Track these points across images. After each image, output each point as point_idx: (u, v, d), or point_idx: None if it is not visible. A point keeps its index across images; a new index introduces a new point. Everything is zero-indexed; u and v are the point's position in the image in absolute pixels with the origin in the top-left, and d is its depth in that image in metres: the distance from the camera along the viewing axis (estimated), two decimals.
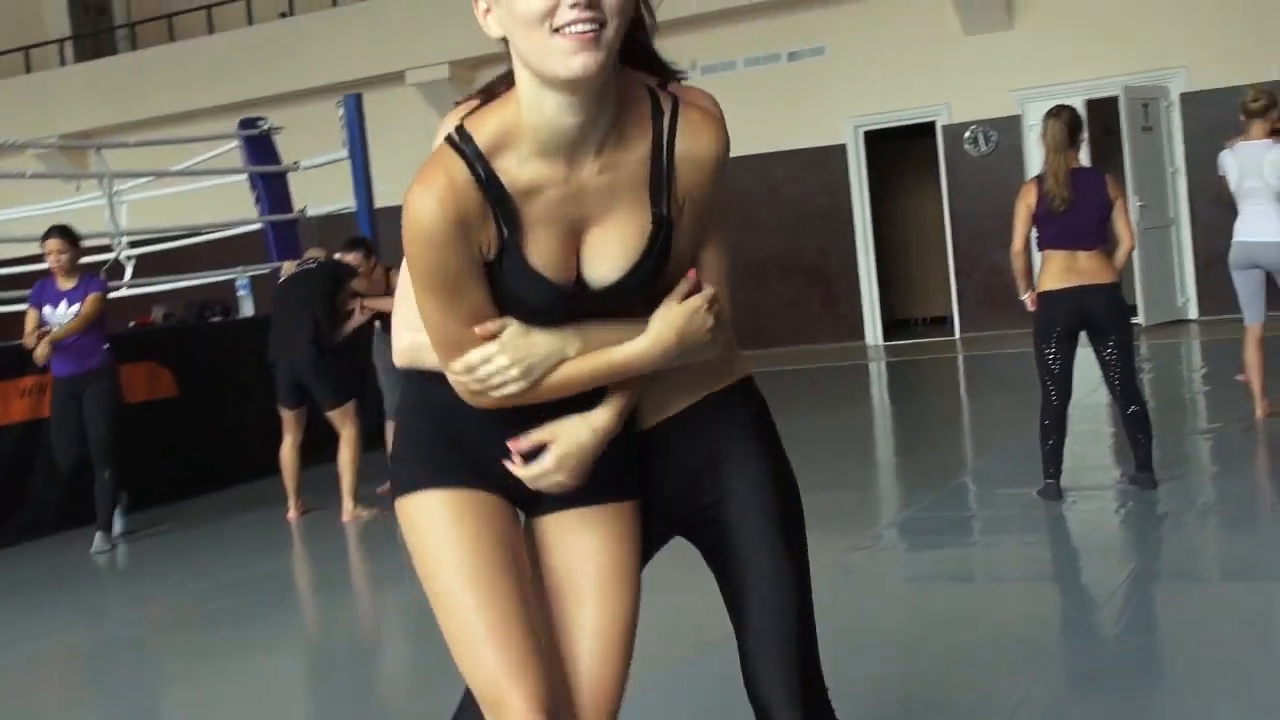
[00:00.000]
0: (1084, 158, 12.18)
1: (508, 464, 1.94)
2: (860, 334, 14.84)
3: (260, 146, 10.88)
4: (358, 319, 7.97)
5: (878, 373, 13.05)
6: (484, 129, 1.82)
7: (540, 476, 1.93)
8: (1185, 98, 13.30)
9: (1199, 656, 3.95)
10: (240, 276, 11.06)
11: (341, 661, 5.14)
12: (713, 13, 14.64)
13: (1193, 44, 13.17)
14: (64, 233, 7.45)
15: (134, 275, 10.11)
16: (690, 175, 1.91)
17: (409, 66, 15.69)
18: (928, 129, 14.47)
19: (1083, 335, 5.90)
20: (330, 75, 15.37)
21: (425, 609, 2.06)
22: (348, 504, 7.61)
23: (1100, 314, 5.76)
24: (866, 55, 14.42)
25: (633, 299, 1.93)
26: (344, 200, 10.59)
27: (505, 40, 1.79)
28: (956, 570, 5.45)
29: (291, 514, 7.83)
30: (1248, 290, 7.44)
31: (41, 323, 7.38)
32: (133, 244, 10.10)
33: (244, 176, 10.96)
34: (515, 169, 1.82)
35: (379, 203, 10.12)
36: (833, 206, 14.78)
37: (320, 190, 11.24)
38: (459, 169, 1.80)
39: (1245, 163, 7.31)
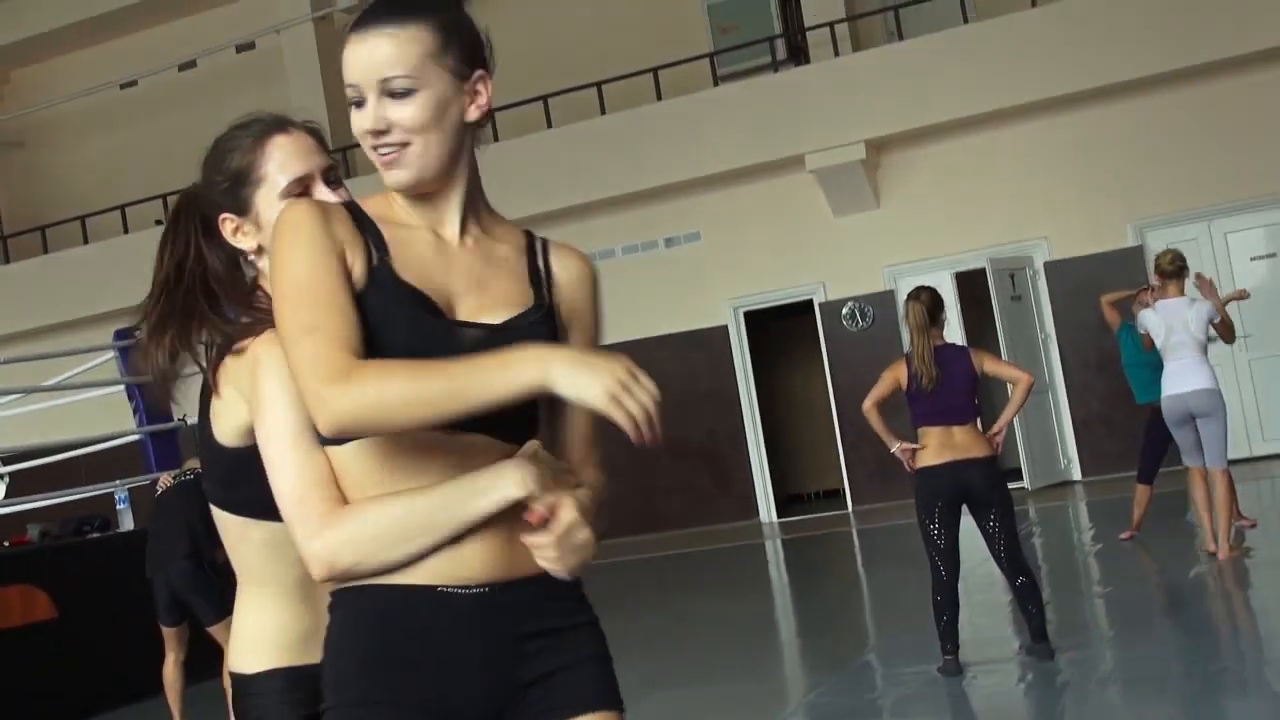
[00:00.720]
0: (957, 329, 12.59)
1: (528, 538, 1.75)
2: (754, 512, 14.83)
3: (130, 356, 10.68)
4: None
5: (774, 551, 13.01)
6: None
7: (565, 537, 1.75)
8: (1049, 266, 13.75)
9: None
10: (119, 489, 10.76)
11: None
12: (592, 202, 14.89)
13: (1052, 215, 13.68)
14: None
15: (8, 494, 9.79)
16: (568, 284, 1.96)
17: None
18: (805, 307, 14.75)
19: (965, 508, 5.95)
20: None
21: None
22: None
23: (978, 487, 5.82)
24: (741, 238, 14.71)
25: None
26: None
27: None
28: None
29: None
30: (1187, 440, 7.88)
31: None
32: (5, 461, 9.80)
33: (121, 387, 10.76)
34: (382, 210, 1.88)
35: None
36: (718, 387, 14.89)
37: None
38: (330, 202, 1.94)
39: (1170, 319, 7.76)
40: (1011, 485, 6.86)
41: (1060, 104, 13.43)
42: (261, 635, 2.18)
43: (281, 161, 2.10)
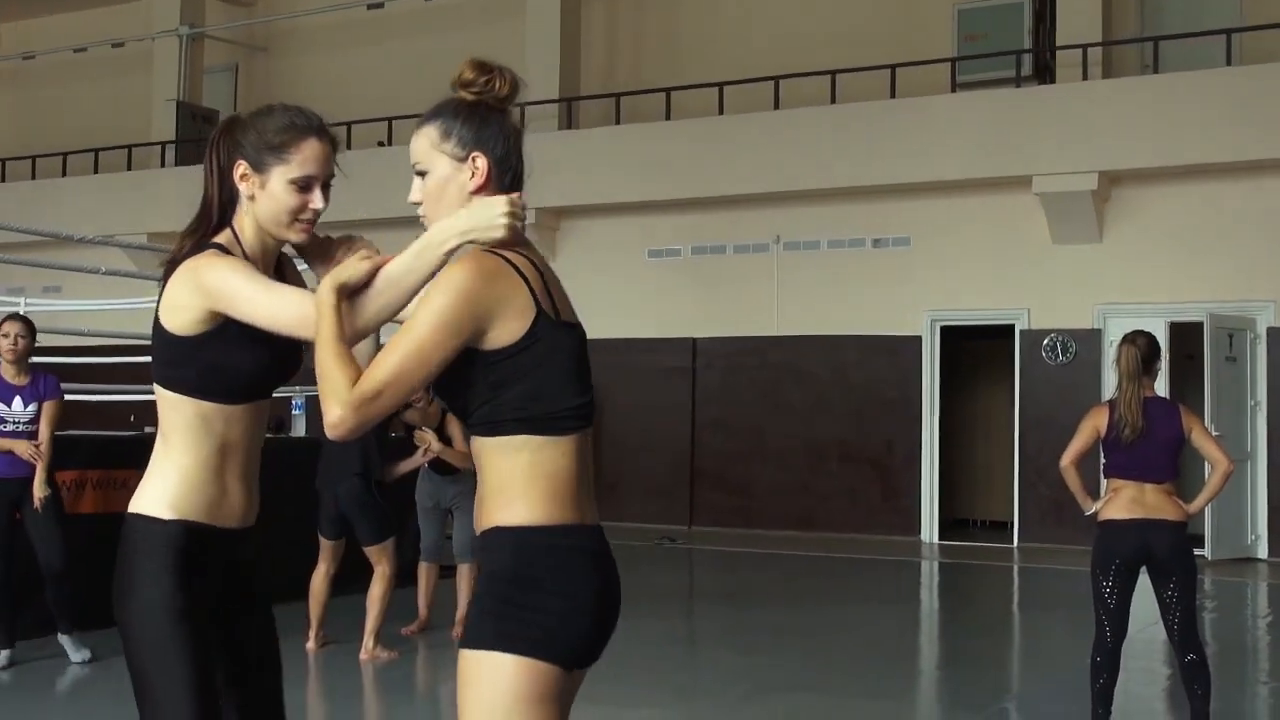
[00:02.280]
0: (1162, 381, 12.05)
1: None
2: (916, 529, 14.51)
3: None
4: (418, 460, 7.90)
5: (930, 572, 12.68)
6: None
7: None
8: (1272, 331, 13.07)
9: None
10: (297, 395, 11.00)
11: None
12: (805, 191, 14.69)
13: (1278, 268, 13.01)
14: (23, 321, 6.92)
15: None
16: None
17: None
18: (1006, 331, 14.31)
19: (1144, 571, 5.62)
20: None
21: None
22: (368, 642, 7.40)
23: (1164, 553, 5.47)
24: (952, 251, 14.36)
25: None
26: None
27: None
28: None
29: (310, 645, 7.59)
30: None
31: None
32: None
33: None
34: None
35: None
36: (902, 398, 14.60)
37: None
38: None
39: None
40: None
41: None
42: (173, 492, 2.65)
43: (306, 157, 2.63)
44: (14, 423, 6.61)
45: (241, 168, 2.64)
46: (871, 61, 14.88)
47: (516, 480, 2.35)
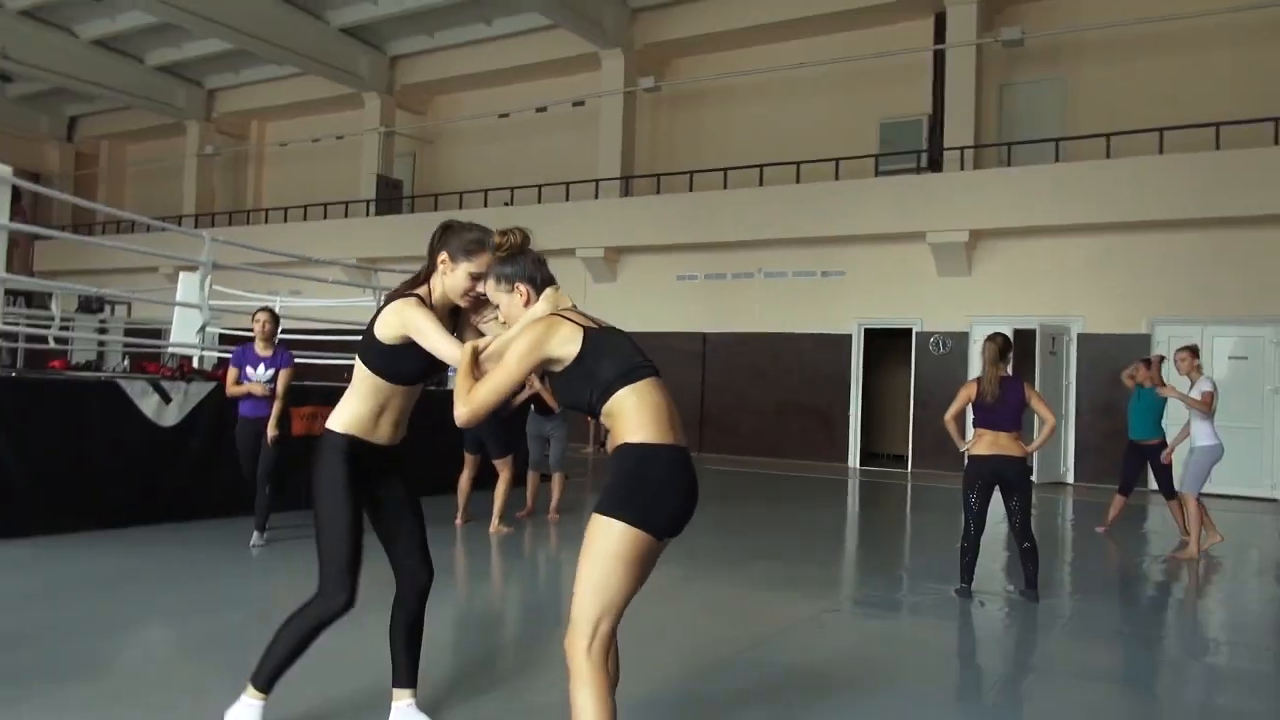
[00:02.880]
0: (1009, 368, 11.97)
1: None
2: (845, 459, 14.52)
3: None
4: (526, 393, 7.86)
5: (854, 486, 12.68)
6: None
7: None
8: (1081, 336, 12.98)
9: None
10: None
11: (473, 622, 5.01)
12: (770, 239, 14.71)
13: (1089, 299, 12.90)
14: (271, 312, 6.63)
15: None
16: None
17: (579, 245, 15.93)
18: (906, 332, 14.27)
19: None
20: (539, 244, 15.65)
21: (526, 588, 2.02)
22: (495, 521, 7.53)
23: (1011, 477, 5.53)
24: (872, 280, 14.32)
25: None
26: None
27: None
28: (890, 633, 5.18)
29: (459, 521, 7.75)
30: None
31: (241, 379, 6.45)
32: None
33: None
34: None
35: None
36: (838, 373, 14.59)
37: None
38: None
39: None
40: None
41: (1109, 228, 12.62)
42: (347, 420, 2.91)
43: (481, 262, 2.81)
44: (257, 380, 6.42)
45: (443, 255, 2.87)
46: (823, 155, 14.85)
47: (629, 416, 2.46)
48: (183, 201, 22.64)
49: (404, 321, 2.77)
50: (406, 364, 2.85)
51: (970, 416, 5.89)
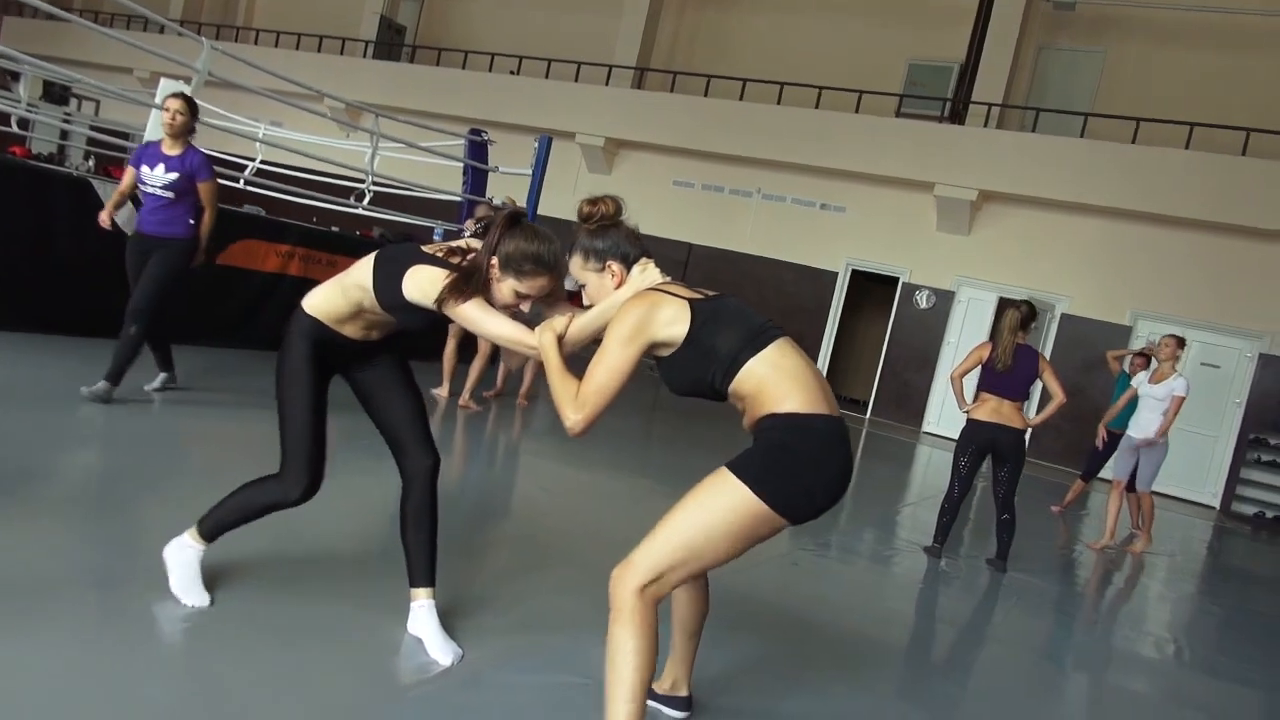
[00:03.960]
0: (982, 336, 11.85)
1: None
2: None
3: (478, 150, 10.56)
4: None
5: None
6: None
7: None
8: (1064, 317, 12.93)
9: (989, 693, 3.62)
10: (438, 227, 10.73)
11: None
12: (777, 161, 14.28)
13: (1078, 281, 12.81)
14: (186, 99, 5.10)
15: (371, 202, 9.72)
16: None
17: (579, 131, 15.35)
18: (892, 280, 14.09)
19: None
20: (532, 120, 15.08)
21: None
22: (465, 395, 7.30)
23: (1006, 448, 5.41)
24: (872, 222, 14.05)
25: None
26: (519, 201, 10.25)
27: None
28: (858, 580, 5.10)
29: (440, 392, 7.44)
30: (1130, 462, 7.25)
31: (139, 182, 5.05)
32: (375, 183, 9.72)
33: (460, 164, 10.63)
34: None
35: (540, 210, 9.80)
36: (816, 309, 14.41)
37: (504, 190, 10.92)
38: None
39: (1147, 389, 7.20)
40: None
41: (1117, 213, 12.45)
42: (320, 309, 2.63)
43: (533, 286, 2.48)
44: (151, 185, 4.99)
45: (495, 260, 2.47)
46: (847, 85, 14.36)
47: (768, 387, 2.15)
48: (169, 4, 21.31)
49: (455, 314, 2.44)
50: (415, 318, 2.57)
51: (977, 379, 5.69)
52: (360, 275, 2.57)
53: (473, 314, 2.40)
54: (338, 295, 2.61)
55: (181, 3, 21.06)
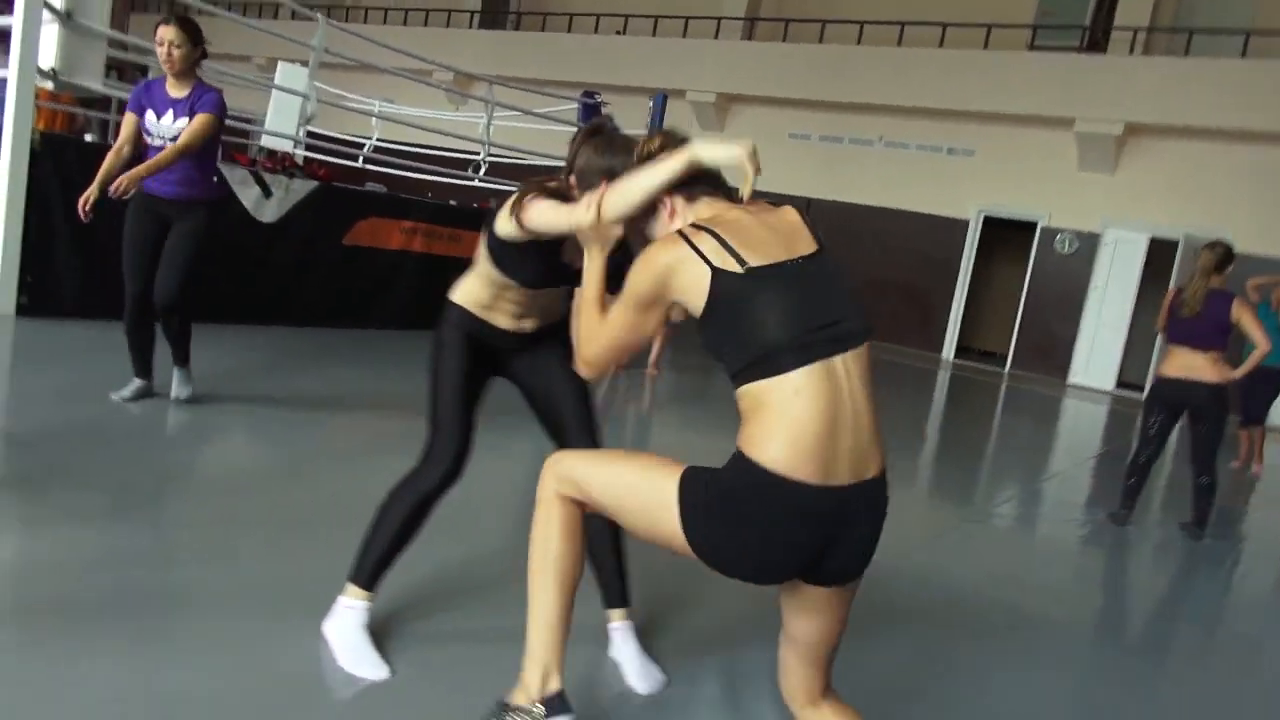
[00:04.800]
0: (1133, 285, 11.03)
1: None
2: (939, 349, 13.84)
3: (591, 112, 10.28)
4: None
5: (949, 380, 12.00)
6: None
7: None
8: None
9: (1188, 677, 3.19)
10: None
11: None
12: (899, 106, 13.56)
13: (1244, 216, 11.73)
14: (184, 24, 3.91)
15: (487, 173, 9.60)
16: None
17: (690, 88, 14.92)
18: (1030, 226, 13.25)
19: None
20: (643, 81, 14.73)
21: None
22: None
23: (1201, 404, 4.84)
24: (1002, 164, 13.22)
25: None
26: None
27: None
28: (1042, 553, 4.68)
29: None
30: None
31: (144, 132, 3.91)
32: (491, 153, 9.59)
33: (574, 129, 10.39)
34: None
35: None
36: (946, 260, 13.71)
37: None
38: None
39: None
40: None
41: (1273, 137, 11.35)
42: (472, 297, 2.37)
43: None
44: (159, 136, 3.86)
45: (572, 176, 2.09)
46: (972, 20, 13.47)
47: (758, 418, 1.66)
48: None
49: (528, 223, 2.10)
50: (522, 266, 2.25)
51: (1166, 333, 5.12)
52: (480, 243, 2.34)
53: (537, 212, 2.07)
54: (474, 279, 2.38)
55: None
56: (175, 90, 3.90)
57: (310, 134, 9.98)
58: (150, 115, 3.89)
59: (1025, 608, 3.55)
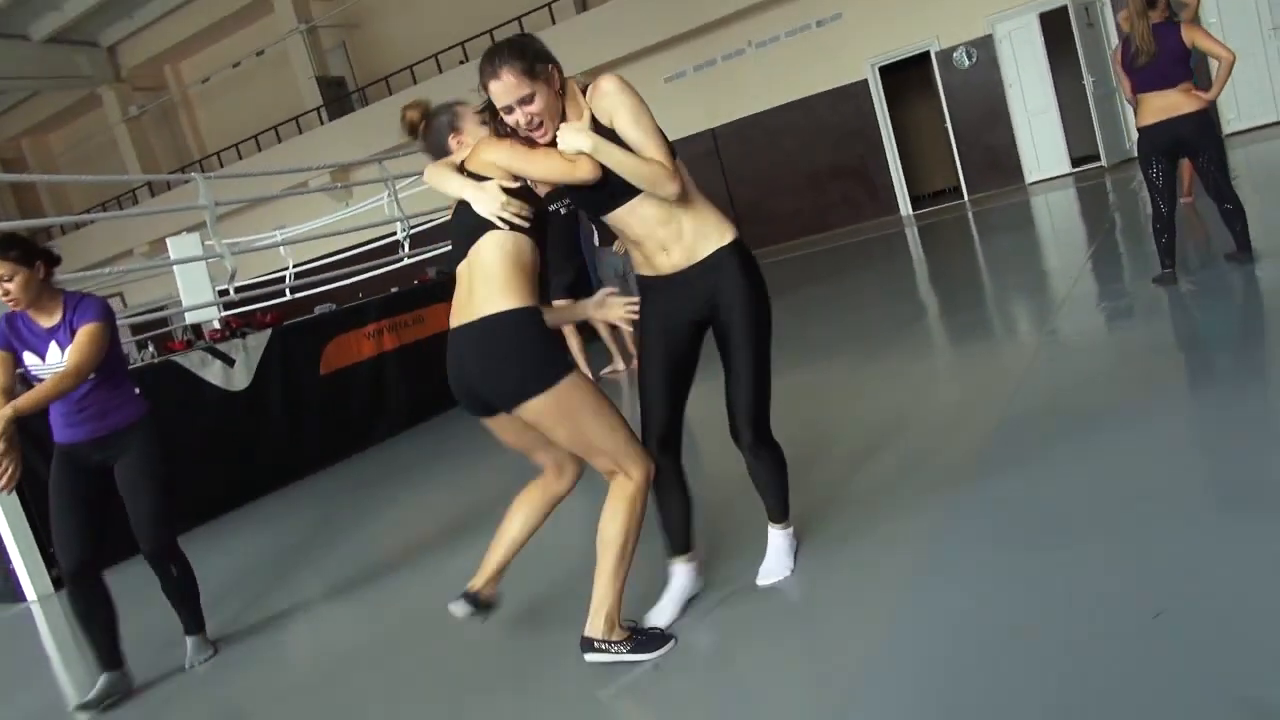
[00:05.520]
0: (1044, 59, 10.87)
1: None
2: (896, 209, 13.79)
3: None
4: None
5: (913, 234, 11.92)
6: None
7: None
8: (1115, 2, 11.88)
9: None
10: None
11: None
12: (749, 5, 13.45)
13: None
14: (5, 248, 3.11)
15: (412, 246, 9.42)
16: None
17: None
18: (924, 57, 13.19)
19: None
20: None
21: None
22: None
23: (1190, 137, 4.79)
24: (872, 11, 13.14)
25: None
26: None
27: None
28: (1129, 343, 4.58)
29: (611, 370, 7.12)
30: None
31: (32, 379, 3.23)
32: (411, 225, 9.40)
33: None
34: None
35: None
36: (863, 124, 13.64)
37: None
38: None
39: None
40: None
41: None
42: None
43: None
44: (50, 371, 3.15)
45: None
46: None
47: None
48: (127, 174, 21.27)
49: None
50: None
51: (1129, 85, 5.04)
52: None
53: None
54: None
55: (138, 166, 20.98)
56: (43, 318, 3.20)
57: (226, 292, 9.76)
58: (30, 358, 3.19)
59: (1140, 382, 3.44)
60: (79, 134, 22.71)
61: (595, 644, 2.41)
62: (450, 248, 2.43)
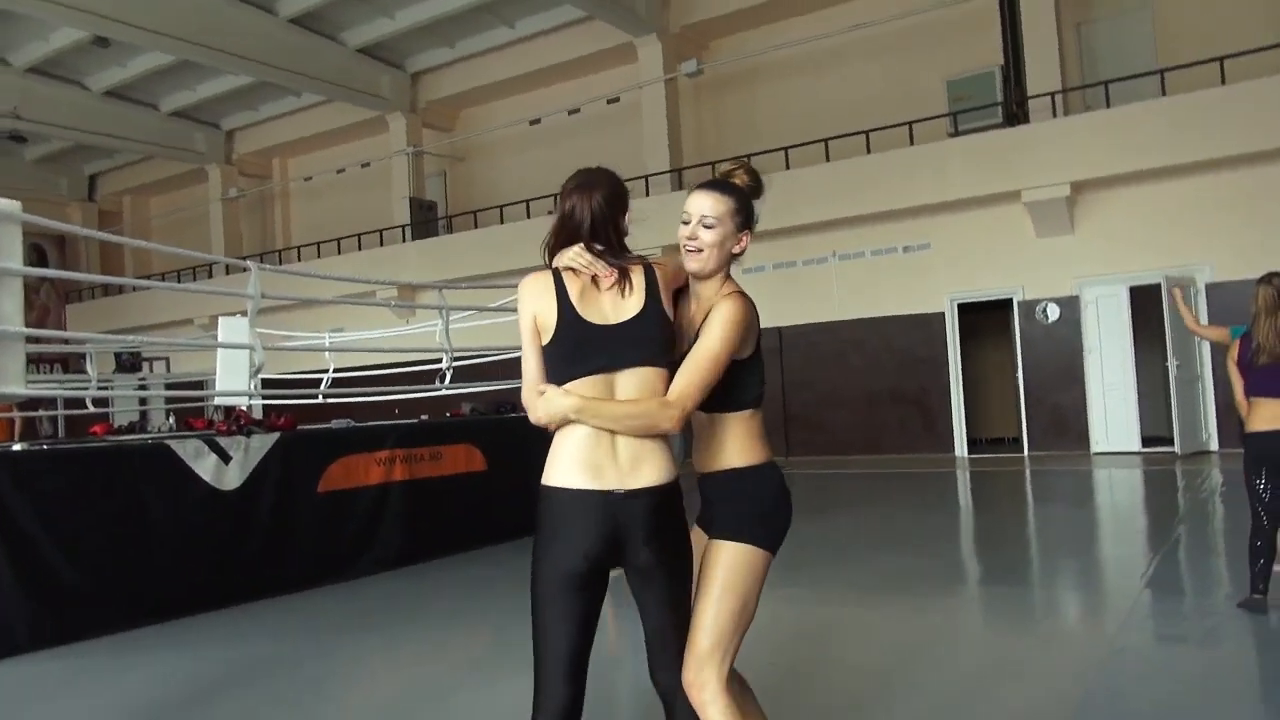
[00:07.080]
0: (1128, 331, 10.66)
1: None
2: (950, 448, 13.29)
3: None
4: None
5: (964, 479, 11.38)
6: None
7: None
8: (1210, 287, 11.66)
9: None
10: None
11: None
12: (848, 217, 13.54)
13: (1215, 245, 11.59)
14: None
15: (452, 380, 9.15)
16: (715, 306, 2.22)
17: (640, 249, 14.82)
18: (1006, 303, 13.03)
19: None
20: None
21: None
22: None
23: None
24: (961, 250, 13.12)
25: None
26: None
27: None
28: (1201, 669, 4.00)
29: None
30: None
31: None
32: (455, 358, 9.16)
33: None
34: None
35: None
36: (932, 355, 13.39)
37: None
38: None
39: None
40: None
41: (1230, 162, 11.33)
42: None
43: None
44: None
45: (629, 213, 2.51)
46: (892, 121, 13.65)
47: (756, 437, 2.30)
48: (210, 249, 21.88)
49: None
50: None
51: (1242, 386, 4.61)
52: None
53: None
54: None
55: (222, 244, 21.57)
56: None
57: (265, 382, 9.58)
58: None
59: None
60: (178, 203, 23.60)
61: None
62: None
